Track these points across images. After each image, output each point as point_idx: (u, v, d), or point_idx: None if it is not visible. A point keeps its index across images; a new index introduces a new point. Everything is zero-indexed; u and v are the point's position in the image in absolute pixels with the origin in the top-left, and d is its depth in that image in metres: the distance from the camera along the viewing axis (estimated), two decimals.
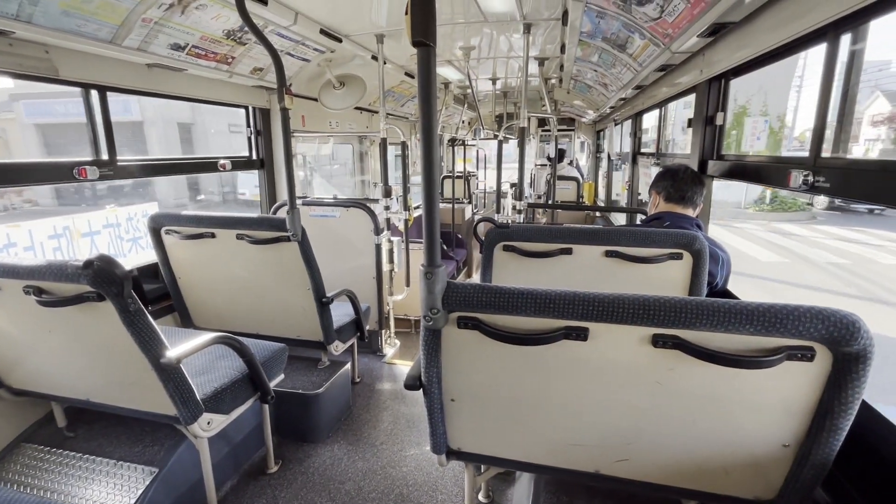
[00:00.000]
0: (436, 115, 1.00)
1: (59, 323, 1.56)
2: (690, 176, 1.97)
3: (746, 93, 15.90)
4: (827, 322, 0.89)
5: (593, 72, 3.82)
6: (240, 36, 2.49)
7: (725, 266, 1.89)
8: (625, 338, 1.05)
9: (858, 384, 0.93)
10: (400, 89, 4.80)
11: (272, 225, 2.20)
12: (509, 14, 2.64)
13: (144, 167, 2.55)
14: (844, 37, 1.33)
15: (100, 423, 2.00)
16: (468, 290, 1.10)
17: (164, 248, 2.43)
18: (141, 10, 1.94)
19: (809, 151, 1.46)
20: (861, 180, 1.25)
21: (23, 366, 1.77)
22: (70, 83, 2.09)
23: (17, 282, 1.46)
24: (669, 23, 1.92)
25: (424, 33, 0.95)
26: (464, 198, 6.33)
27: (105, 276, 1.32)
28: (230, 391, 1.78)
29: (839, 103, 1.37)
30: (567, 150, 8.77)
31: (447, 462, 1.43)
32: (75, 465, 1.82)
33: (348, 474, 2.20)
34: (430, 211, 1.04)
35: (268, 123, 3.46)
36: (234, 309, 2.55)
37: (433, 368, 1.21)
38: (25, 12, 1.67)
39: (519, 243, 1.90)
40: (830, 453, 1.03)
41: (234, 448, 2.15)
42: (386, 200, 3.35)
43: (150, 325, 1.44)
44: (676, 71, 2.62)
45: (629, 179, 4.60)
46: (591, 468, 1.29)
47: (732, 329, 0.94)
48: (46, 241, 2.24)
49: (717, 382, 1.04)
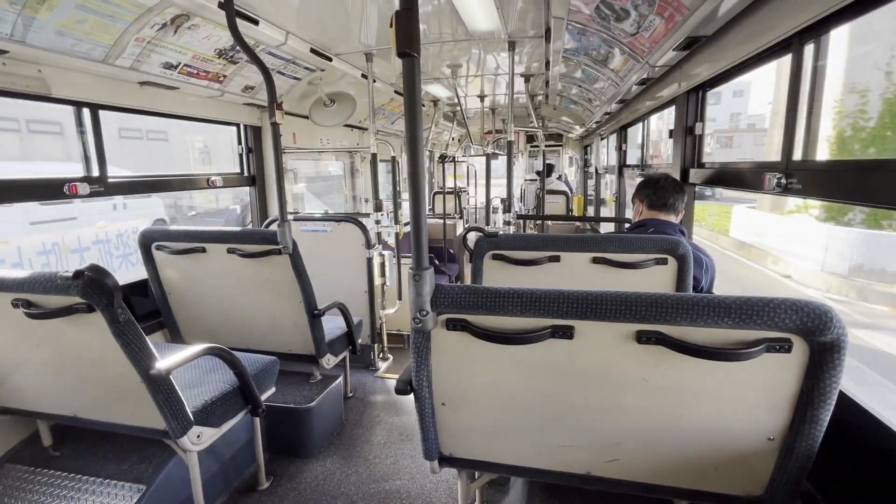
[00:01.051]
0: (421, 121, 1.04)
1: (48, 336, 1.55)
2: (671, 184, 2.03)
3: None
4: (801, 313, 0.93)
5: (578, 87, 3.94)
6: (231, 55, 2.54)
7: (710, 270, 1.94)
8: (609, 335, 1.07)
9: (835, 373, 0.96)
10: (390, 107, 4.89)
11: (263, 238, 2.22)
12: (494, 32, 2.73)
13: (135, 184, 2.56)
14: (808, 47, 1.41)
15: (86, 442, 1.96)
16: (456, 291, 1.12)
17: (154, 264, 2.43)
18: (134, 30, 1.99)
19: (781, 155, 1.52)
20: (829, 180, 1.31)
21: (9, 382, 1.75)
22: (62, 101, 2.12)
23: (5, 295, 1.45)
24: (646, 37, 2.00)
25: (409, 45, 1.00)
26: (455, 213, 6.40)
27: (95, 286, 1.33)
28: (220, 404, 1.76)
29: (806, 109, 1.44)
30: (555, 165, 8.92)
31: (439, 469, 1.43)
32: (61, 485, 1.78)
33: (341, 489, 2.17)
34: (416, 213, 1.07)
35: (259, 141, 3.50)
36: (224, 323, 2.54)
37: (423, 371, 1.23)
38: (20, 32, 1.71)
39: (508, 252, 1.93)
40: (814, 444, 1.05)
41: (224, 465, 2.12)
42: (377, 215, 3.38)
43: (140, 336, 1.44)
44: (656, 85, 2.71)
45: (616, 191, 4.69)
46: (583, 470, 1.30)
47: (712, 323, 0.98)
48: (35, 258, 2.23)
49: (701, 377, 1.07)
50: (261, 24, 2.31)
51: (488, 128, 6.57)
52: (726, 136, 25.75)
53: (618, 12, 1.93)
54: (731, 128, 26.34)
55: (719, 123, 25.69)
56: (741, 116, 25.75)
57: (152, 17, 1.96)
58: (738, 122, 26.09)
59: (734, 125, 26.23)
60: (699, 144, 2.33)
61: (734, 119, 26.04)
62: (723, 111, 25.69)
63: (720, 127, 25.49)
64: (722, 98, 25.74)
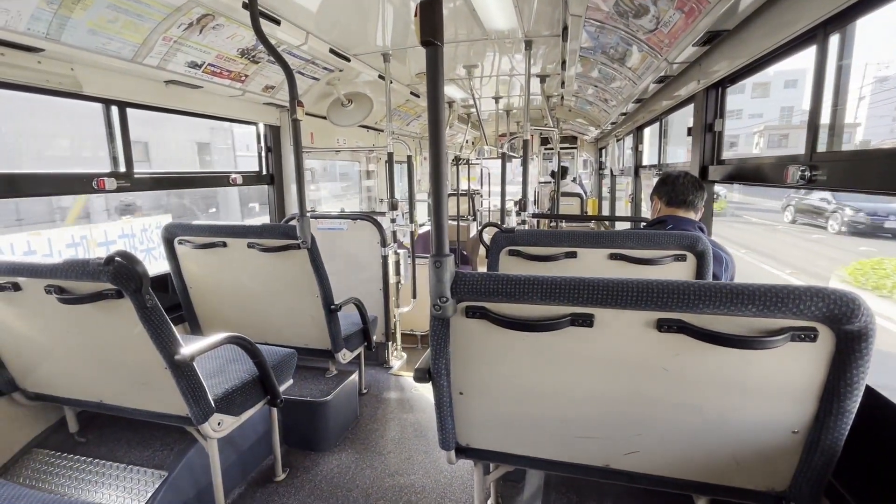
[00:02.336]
0: (443, 106, 1.06)
1: (77, 323, 1.60)
2: (691, 181, 2.00)
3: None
4: (827, 300, 0.91)
5: (594, 87, 3.93)
6: (253, 54, 2.60)
7: (730, 267, 1.91)
8: (630, 323, 1.07)
9: (862, 363, 0.94)
10: (405, 108, 4.94)
11: (282, 233, 2.25)
12: (511, 31, 2.75)
13: (160, 180, 2.63)
14: (833, 38, 1.39)
15: (111, 429, 2.01)
16: (476, 278, 1.13)
17: (176, 258, 2.48)
18: (162, 29, 2.05)
19: (805, 147, 1.50)
20: (857, 171, 1.29)
21: (39, 369, 1.81)
22: (93, 99, 2.19)
23: (39, 281, 1.51)
24: (665, 33, 2.00)
25: (433, 34, 1.01)
26: (469, 215, 6.41)
27: (125, 271, 1.37)
28: (240, 393, 1.80)
29: (832, 100, 1.42)
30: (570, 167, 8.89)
31: (456, 459, 1.43)
32: (86, 470, 1.83)
33: (356, 482, 2.18)
34: (437, 201, 1.08)
35: (278, 140, 3.56)
36: (243, 317, 2.59)
37: (442, 359, 1.23)
38: (55, 31, 1.78)
39: (524, 248, 1.93)
40: (840, 438, 1.03)
41: (242, 456, 2.15)
42: (392, 213, 3.41)
43: (166, 322, 1.48)
44: (675, 82, 2.70)
45: (632, 192, 4.65)
46: (601, 462, 1.29)
47: (735, 310, 0.96)
48: (64, 250, 2.30)
49: (724, 367, 1.06)
50: (282, 24, 2.36)
51: (503, 130, 6.58)
52: (780, 133, 22.63)
53: (637, 8, 1.93)
54: (783, 123, 22.77)
55: (768, 118, 23.00)
56: (795, 110, 22.67)
57: (179, 16, 2.02)
58: (791, 118, 22.74)
59: (786, 121, 23.24)
60: (719, 141, 2.31)
61: (785, 113, 23.57)
62: (771, 105, 23.13)
63: (770, 122, 22.68)
64: (771, 90, 22.84)
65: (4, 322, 1.71)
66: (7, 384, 1.83)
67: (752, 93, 24.82)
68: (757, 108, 24.10)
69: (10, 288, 1.57)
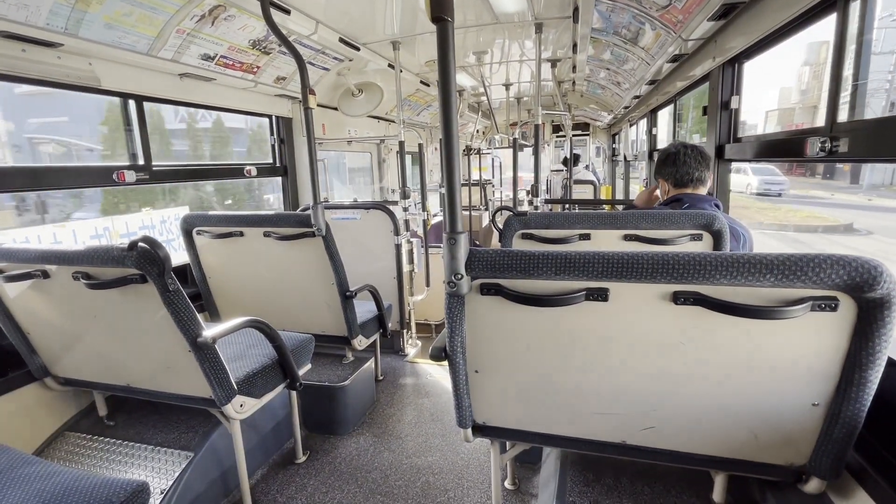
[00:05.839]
0: (454, 85, 1.06)
1: (104, 308, 1.66)
2: (693, 155, 1.89)
3: None
4: (848, 268, 0.90)
5: (606, 70, 3.87)
6: (264, 45, 2.62)
7: (747, 243, 1.88)
8: (645, 296, 1.06)
9: (885, 332, 0.93)
10: (415, 98, 4.93)
11: (297, 221, 2.29)
12: (521, 14, 2.72)
13: (177, 171, 2.69)
14: (853, 4, 1.35)
15: (138, 413, 2.08)
16: (490, 255, 1.14)
17: (195, 248, 2.54)
18: (175, 22, 2.08)
19: (825, 118, 1.47)
20: (881, 138, 1.25)
21: (69, 354, 1.87)
22: (111, 93, 2.24)
23: (67, 268, 1.56)
24: (679, 8, 1.96)
25: (442, 10, 1.01)
26: (481, 205, 6.40)
27: (148, 256, 1.41)
28: (261, 376, 1.84)
29: (853, 69, 1.38)
30: (582, 155, 8.79)
31: (473, 438, 1.45)
32: (116, 451, 1.90)
33: (374, 464, 2.22)
34: (450, 179, 1.09)
35: (290, 132, 3.59)
36: (261, 305, 2.64)
37: (457, 337, 1.25)
38: (73, 26, 1.82)
39: (537, 231, 1.93)
40: (861, 410, 1.02)
41: (264, 439, 2.21)
42: (405, 202, 3.43)
43: (188, 305, 1.52)
44: (689, 61, 2.64)
45: (646, 178, 4.59)
46: (618, 438, 1.30)
47: (753, 281, 0.95)
48: (88, 241, 2.37)
49: (741, 340, 1.05)
50: (292, 14, 2.37)
51: (513, 119, 6.53)
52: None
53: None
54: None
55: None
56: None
57: (192, 7, 2.05)
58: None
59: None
60: (735, 119, 2.26)
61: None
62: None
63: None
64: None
65: (35, 309, 1.78)
66: (39, 370, 1.90)
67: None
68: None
69: (39, 275, 1.63)
